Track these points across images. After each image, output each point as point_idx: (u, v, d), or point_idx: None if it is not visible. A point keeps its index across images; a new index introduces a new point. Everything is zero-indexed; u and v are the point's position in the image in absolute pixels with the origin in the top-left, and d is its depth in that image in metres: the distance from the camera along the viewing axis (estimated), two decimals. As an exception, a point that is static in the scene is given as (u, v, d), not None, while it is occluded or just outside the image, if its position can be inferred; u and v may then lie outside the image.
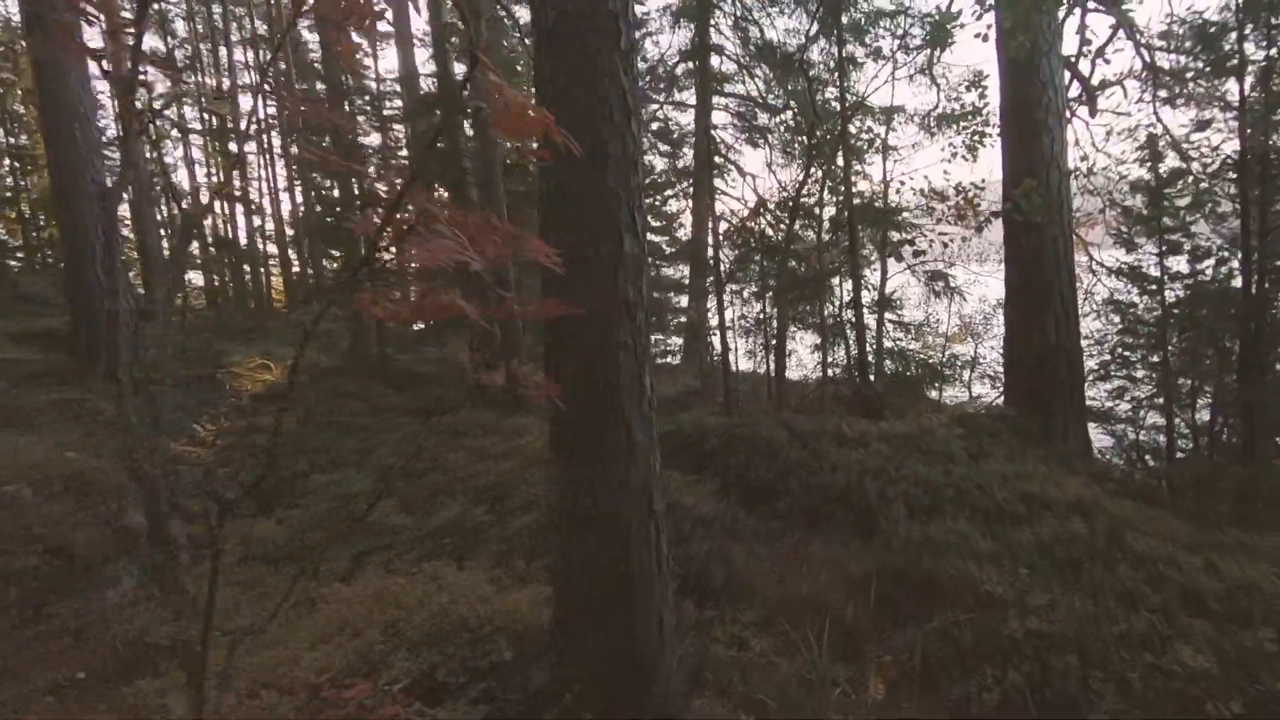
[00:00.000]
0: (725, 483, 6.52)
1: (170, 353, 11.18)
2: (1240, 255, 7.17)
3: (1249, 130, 7.00)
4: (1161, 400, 8.35)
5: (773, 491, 6.25)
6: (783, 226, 9.33)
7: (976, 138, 9.34)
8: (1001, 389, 13.70)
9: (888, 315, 11.14)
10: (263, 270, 21.94)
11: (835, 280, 11.39)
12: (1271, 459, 6.88)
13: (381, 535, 5.96)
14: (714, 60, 16.37)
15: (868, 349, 10.57)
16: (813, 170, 9.46)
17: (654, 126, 19.97)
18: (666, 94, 17.99)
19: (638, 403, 2.86)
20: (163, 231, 20.85)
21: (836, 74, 9.23)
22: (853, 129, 9.76)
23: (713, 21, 16.02)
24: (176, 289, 12.61)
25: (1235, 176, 7.29)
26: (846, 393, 9.62)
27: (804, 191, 9.23)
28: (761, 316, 10.44)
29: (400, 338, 11.93)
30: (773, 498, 6.19)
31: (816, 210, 9.68)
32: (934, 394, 10.33)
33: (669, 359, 19.95)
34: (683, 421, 7.81)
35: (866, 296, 11.27)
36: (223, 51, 21.18)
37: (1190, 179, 8.50)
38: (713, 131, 16.53)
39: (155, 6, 20.17)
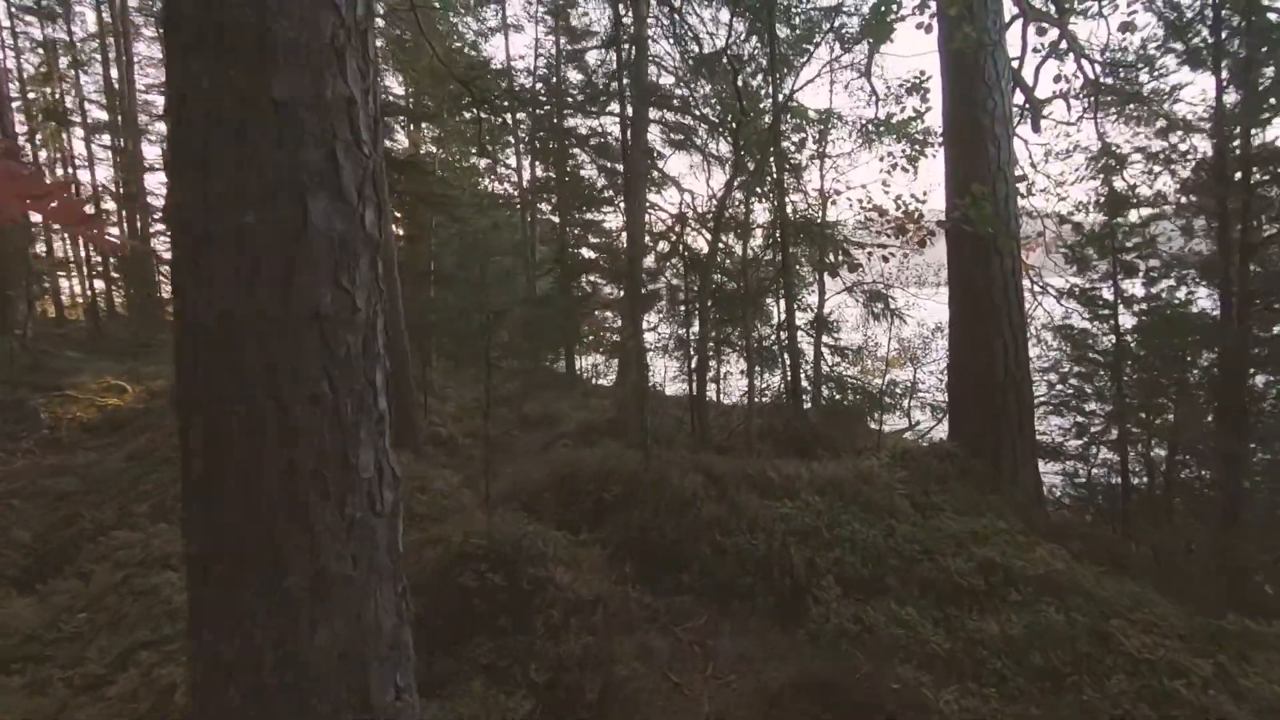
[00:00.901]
0: (624, 544, 5.21)
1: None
2: (1219, 277, 6.32)
3: (1227, 129, 6.20)
4: (1115, 435, 7.46)
5: (681, 557, 4.97)
6: (707, 237, 8.17)
7: (918, 147, 8.40)
8: (943, 416, 12.92)
9: (825, 338, 10.12)
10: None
11: (770, 300, 10.33)
12: (1261, 527, 5.94)
13: (177, 615, 4.43)
14: (650, 70, 15.37)
15: (803, 375, 9.49)
16: (739, 176, 8.36)
17: (592, 142, 18.95)
18: (601, 107, 16.90)
19: (339, 505, 1.52)
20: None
21: (767, 69, 8.20)
22: (786, 133, 8.73)
23: (650, 34, 15.03)
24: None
25: (1207, 185, 6.47)
26: (778, 424, 8.46)
27: (729, 198, 8.09)
28: (683, 336, 9.26)
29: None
30: (680, 565, 4.91)
31: (745, 220, 8.56)
32: (873, 424, 9.28)
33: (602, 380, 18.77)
34: (584, 462, 6.49)
35: (801, 318, 10.24)
36: None
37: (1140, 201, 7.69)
38: (649, 141, 15.51)
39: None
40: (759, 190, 9.41)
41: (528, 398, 13.46)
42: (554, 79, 19.37)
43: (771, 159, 8.75)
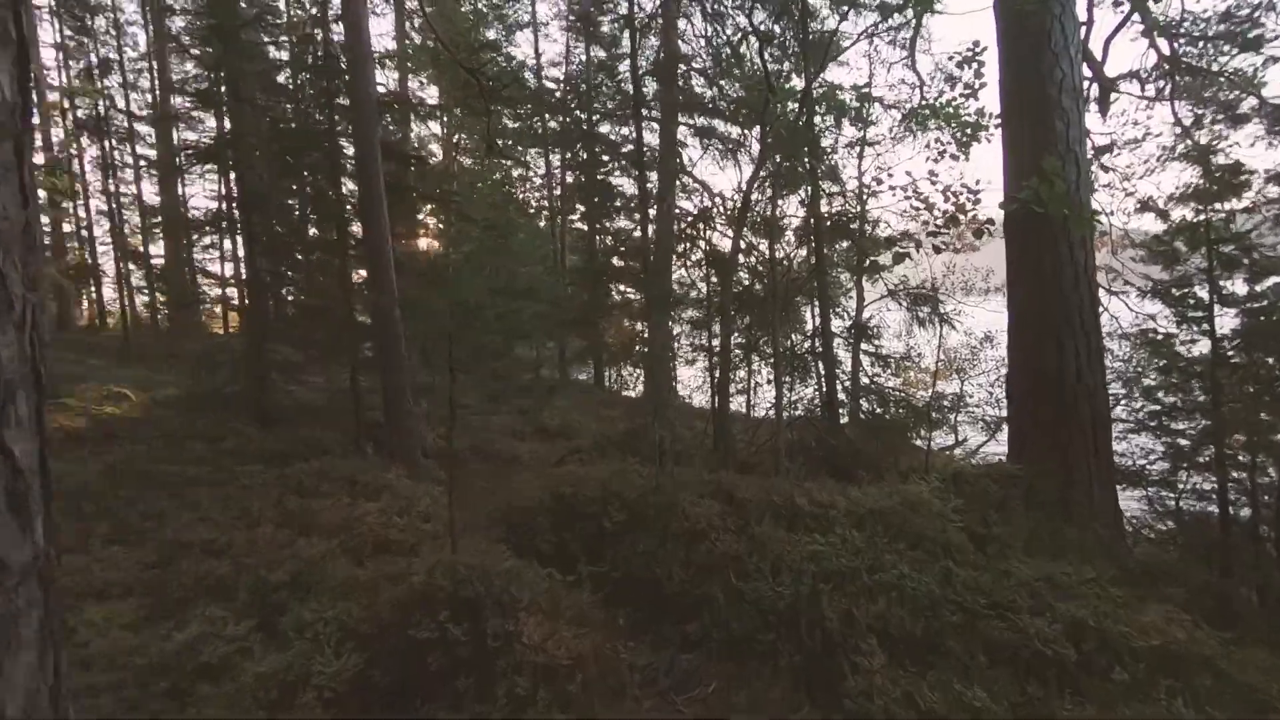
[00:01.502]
0: (623, 583, 4.34)
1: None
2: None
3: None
4: (1209, 457, 6.29)
5: (688, 602, 4.06)
6: (729, 236, 7.29)
7: (970, 130, 7.38)
8: (994, 432, 11.69)
9: (864, 345, 9.10)
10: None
11: (802, 303, 9.37)
12: None
13: (74, 670, 3.70)
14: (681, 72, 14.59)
15: (839, 385, 8.49)
16: (766, 167, 7.46)
17: (625, 149, 18.25)
18: (635, 113, 16.17)
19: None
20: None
21: (798, 47, 7.30)
22: (819, 115, 7.79)
23: (680, 34, 14.26)
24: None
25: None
26: (810, 440, 7.48)
27: (755, 189, 7.20)
28: (704, 344, 8.35)
29: (288, 365, 9.69)
30: (687, 613, 4.00)
31: (772, 217, 7.64)
32: (918, 441, 8.21)
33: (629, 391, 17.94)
34: (586, 481, 5.62)
35: (838, 323, 9.25)
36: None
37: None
38: (679, 148, 14.72)
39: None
40: (789, 184, 8.49)
41: (546, 408, 12.70)
42: (583, 85, 18.75)
43: (803, 148, 7.83)
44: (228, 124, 11.30)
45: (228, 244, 15.56)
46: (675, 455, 7.11)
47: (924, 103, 8.13)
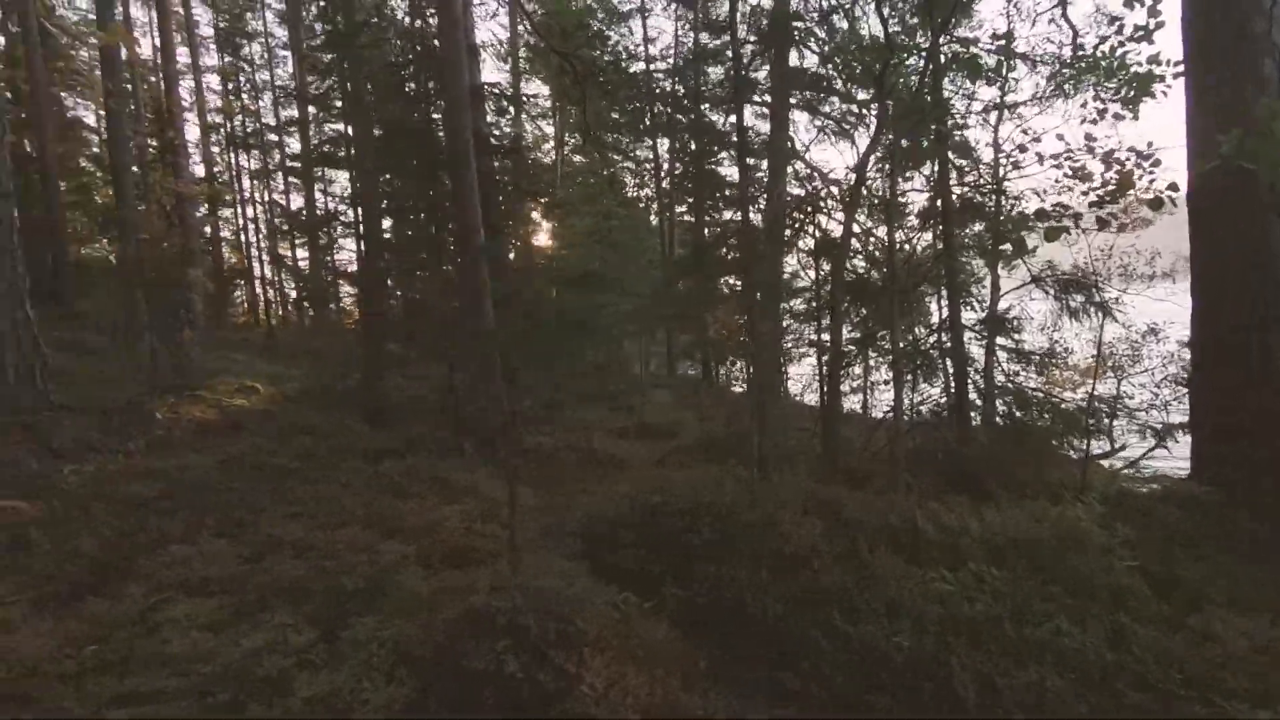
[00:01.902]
0: (708, 611, 3.76)
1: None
2: None
3: None
4: None
5: (785, 643, 3.42)
6: (841, 223, 6.47)
7: (1139, 84, 6.09)
8: (1162, 440, 9.97)
9: (1000, 340, 7.91)
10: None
11: (928, 293, 8.31)
12: None
13: (151, 671, 3.63)
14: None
15: (969, 386, 7.42)
16: (884, 138, 6.56)
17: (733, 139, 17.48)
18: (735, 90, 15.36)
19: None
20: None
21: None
22: (949, 75, 6.76)
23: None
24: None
25: None
26: (936, 449, 6.53)
27: (872, 168, 6.34)
28: (813, 338, 7.53)
29: (398, 361, 9.87)
30: (783, 657, 3.36)
31: (891, 196, 6.70)
32: (1069, 451, 7.00)
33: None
34: (676, 489, 5.07)
35: (969, 315, 8.11)
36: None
37: None
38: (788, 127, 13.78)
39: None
40: (911, 159, 7.51)
41: (650, 404, 12.28)
42: (690, 73, 18.14)
43: (928, 117, 6.85)
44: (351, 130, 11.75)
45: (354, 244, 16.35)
46: (777, 461, 6.41)
47: (1080, 55, 6.85)
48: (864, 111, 12.30)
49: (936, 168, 7.54)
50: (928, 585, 3.45)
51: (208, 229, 19.67)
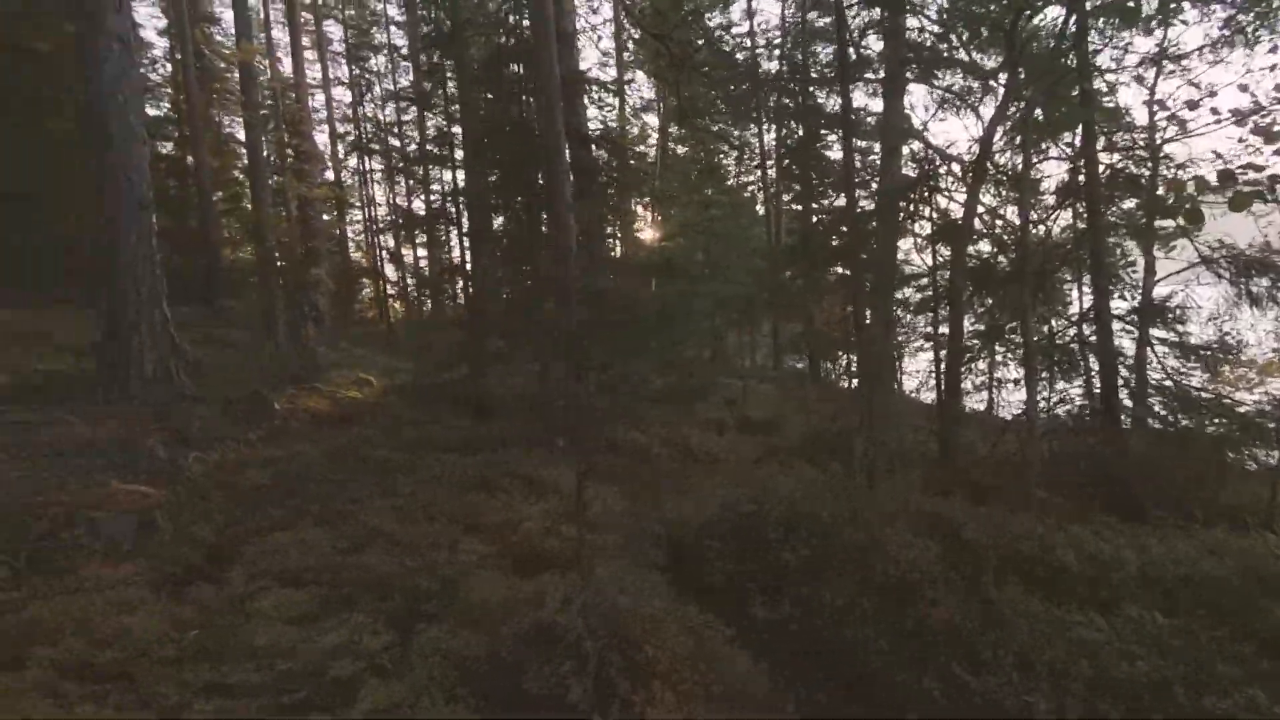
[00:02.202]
0: (800, 640, 3.32)
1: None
2: None
3: None
4: None
5: (889, 692, 2.92)
6: (959, 200, 5.71)
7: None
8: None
9: (1156, 332, 6.77)
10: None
11: (1067, 279, 7.30)
12: None
13: (238, 663, 3.67)
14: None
15: (1118, 385, 6.40)
16: (1015, 104, 5.71)
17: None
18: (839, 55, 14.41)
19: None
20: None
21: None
22: (1092, 37, 5.78)
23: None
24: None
25: None
26: (1077, 457, 5.65)
27: (1000, 138, 5.53)
28: (930, 331, 6.75)
29: (499, 355, 9.96)
30: (887, 707, 2.87)
31: (1024, 171, 5.83)
32: (1247, 462, 5.86)
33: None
34: (771, 497, 4.63)
35: (1118, 304, 7.02)
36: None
37: None
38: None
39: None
40: (1048, 127, 6.55)
41: (751, 398, 11.76)
42: (799, 55, 17.24)
43: (1070, 77, 5.92)
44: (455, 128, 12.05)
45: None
46: (886, 466, 5.77)
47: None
48: (990, 82, 11.08)
49: (1079, 136, 6.54)
50: (1070, 631, 2.84)
51: (336, 230, 21.03)
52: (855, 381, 14.28)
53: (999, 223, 7.02)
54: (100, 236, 6.95)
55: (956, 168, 7.39)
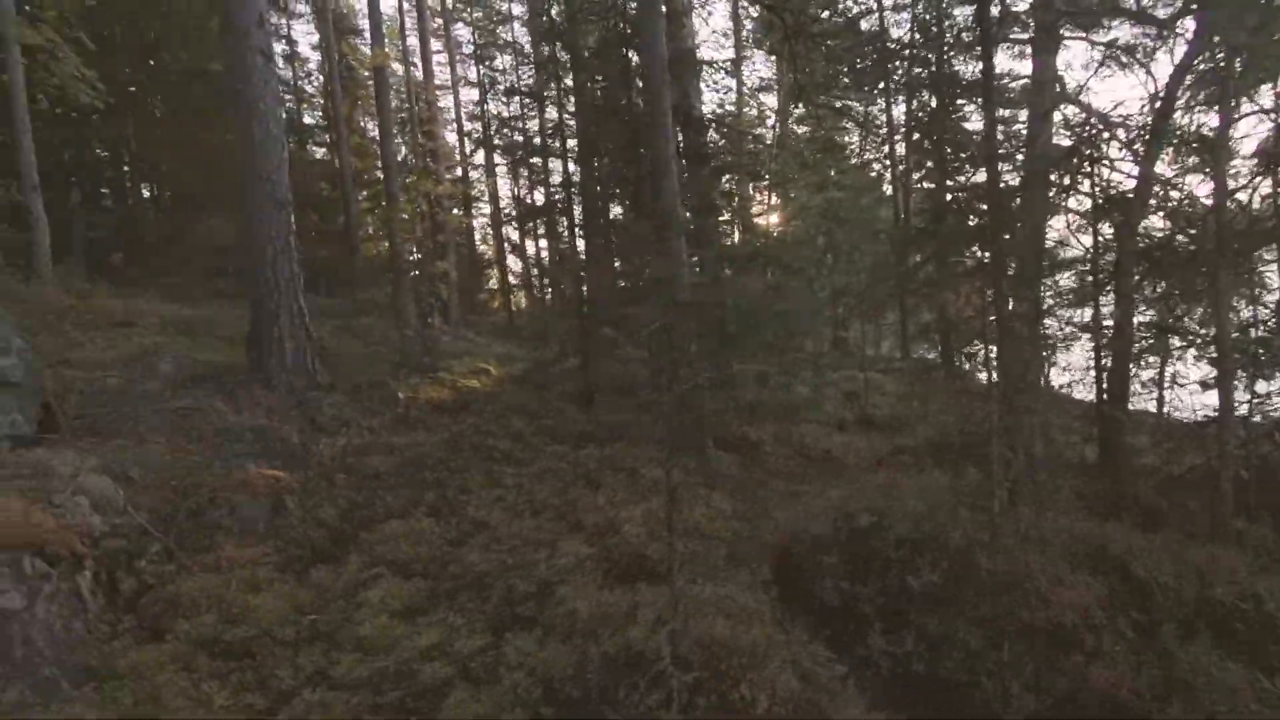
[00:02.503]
0: (923, 683, 2.88)
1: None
2: None
3: None
4: None
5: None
6: (1129, 174, 4.83)
7: None
8: None
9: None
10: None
11: (1265, 260, 6.07)
12: None
13: (345, 652, 3.76)
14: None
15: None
16: (1202, 55, 4.73)
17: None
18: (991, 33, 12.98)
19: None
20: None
21: None
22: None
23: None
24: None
25: None
26: (1282, 474, 4.65)
27: (1182, 95, 4.61)
28: (1088, 321, 5.79)
29: (608, 344, 9.89)
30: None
31: (1210, 135, 4.84)
32: None
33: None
34: (893, 511, 4.14)
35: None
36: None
37: None
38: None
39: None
40: (1243, 78, 5.43)
41: (875, 391, 11.00)
42: (931, 20, 15.79)
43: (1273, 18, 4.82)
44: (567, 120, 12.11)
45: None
46: (1033, 478, 5.04)
47: None
48: (1164, 32, 9.50)
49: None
50: (1288, 712, 2.23)
51: (463, 224, 21.99)
52: (994, 375, 12.97)
53: (1177, 194, 5.94)
54: (245, 234, 7.53)
55: (1123, 133, 6.33)
